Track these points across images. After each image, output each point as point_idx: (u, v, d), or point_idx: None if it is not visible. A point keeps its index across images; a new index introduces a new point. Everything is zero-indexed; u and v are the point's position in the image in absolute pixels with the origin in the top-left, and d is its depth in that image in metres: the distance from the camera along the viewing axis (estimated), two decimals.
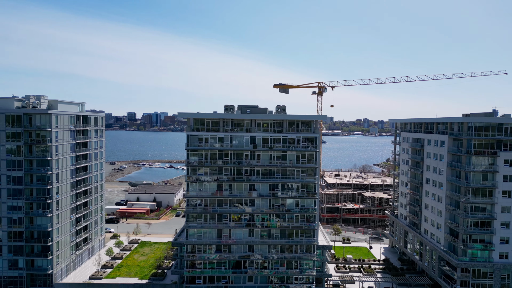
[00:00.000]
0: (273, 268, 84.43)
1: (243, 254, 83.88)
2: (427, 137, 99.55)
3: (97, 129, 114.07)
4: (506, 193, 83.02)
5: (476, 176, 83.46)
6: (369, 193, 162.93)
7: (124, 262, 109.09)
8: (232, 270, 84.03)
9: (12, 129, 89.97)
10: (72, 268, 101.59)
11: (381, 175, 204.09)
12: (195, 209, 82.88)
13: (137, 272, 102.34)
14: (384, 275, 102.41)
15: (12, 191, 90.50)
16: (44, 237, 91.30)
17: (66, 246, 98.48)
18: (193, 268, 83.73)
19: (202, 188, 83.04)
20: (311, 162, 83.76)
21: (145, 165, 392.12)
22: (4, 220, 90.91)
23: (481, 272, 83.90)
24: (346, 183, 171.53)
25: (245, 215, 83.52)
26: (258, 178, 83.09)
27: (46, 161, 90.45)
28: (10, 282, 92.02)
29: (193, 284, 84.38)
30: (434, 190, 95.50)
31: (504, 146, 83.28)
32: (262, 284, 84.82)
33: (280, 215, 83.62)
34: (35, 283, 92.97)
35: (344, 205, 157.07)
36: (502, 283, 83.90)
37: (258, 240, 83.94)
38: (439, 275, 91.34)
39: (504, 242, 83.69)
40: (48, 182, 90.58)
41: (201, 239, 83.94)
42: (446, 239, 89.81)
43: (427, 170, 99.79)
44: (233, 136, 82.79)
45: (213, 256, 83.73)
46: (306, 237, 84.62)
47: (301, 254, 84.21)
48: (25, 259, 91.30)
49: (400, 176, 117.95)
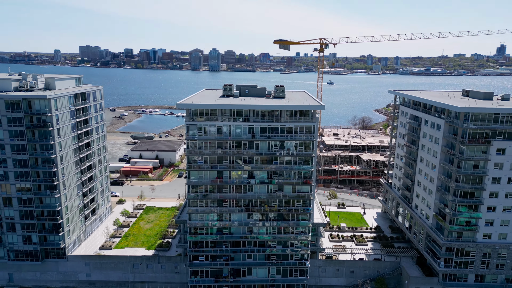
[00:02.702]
0: (271, 247, 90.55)
1: (242, 234, 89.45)
2: (425, 117, 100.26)
3: (96, 104, 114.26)
4: (496, 180, 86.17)
5: (468, 164, 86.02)
6: (366, 154, 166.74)
7: (131, 231, 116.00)
8: (232, 249, 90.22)
9: (13, 114, 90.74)
10: (82, 238, 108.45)
11: (379, 133, 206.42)
12: (197, 195, 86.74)
13: (144, 242, 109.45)
14: (374, 244, 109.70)
15: (19, 173, 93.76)
16: (54, 215, 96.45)
17: (76, 220, 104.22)
18: (196, 247, 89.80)
19: (202, 175, 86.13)
20: (308, 150, 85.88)
21: (145, 111, 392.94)
22: (14, 200, 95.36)
23: (464, 251, 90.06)
24: (344, 145, 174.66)
25: (244, 200, 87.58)
26: (256, 165, 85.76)
27: (49, 145, 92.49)
28: (26, 255, 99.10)
29: (196, 260, 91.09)
30: (427, 170, 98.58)
31: (498, 135, 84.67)
32: (260, 261, 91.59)
33: (278, 200, 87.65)
34: (49, 256, 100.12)
35: (341, 167, 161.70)
36: (483, 260, 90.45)
37: (256, 222, 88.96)
38: (425, 249, 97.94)
39: (489, 224, 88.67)
40: (53, 165, 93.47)
41: (202, 221, 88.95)
42: (434, 218, 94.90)
43: (422, 149, 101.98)
44: (232, 126, 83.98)
45: (214, 237, 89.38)
46: (302, 219, 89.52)
47: (297, 235, 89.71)
48: (38, 235, 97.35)
49: (396, 148, 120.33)
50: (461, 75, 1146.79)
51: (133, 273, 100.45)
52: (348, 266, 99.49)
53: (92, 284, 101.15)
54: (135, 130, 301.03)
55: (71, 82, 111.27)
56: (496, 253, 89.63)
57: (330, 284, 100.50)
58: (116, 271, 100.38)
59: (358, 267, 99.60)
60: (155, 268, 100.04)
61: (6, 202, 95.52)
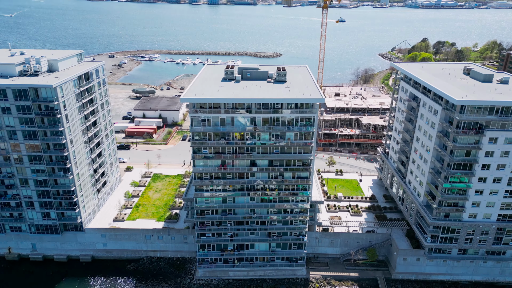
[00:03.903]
0: (272, 225, 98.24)
1: (245, 215, 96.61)
2: (423, 99, 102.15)
3: (99, 80, 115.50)
4: (485, 166, 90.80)
5: (461, 153, 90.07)
6: (366, 118, 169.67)
7: (140, 201, 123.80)
8: (236, 227, 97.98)
9: (21, 103, 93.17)
10: (96, 210, 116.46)
11: (380, 92, 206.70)
12: (202, 181, 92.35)
13: (154, 213, 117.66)
14: (368, 215, 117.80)
15: (33, 157, 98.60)
16: (69, 194, 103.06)
17: (89, 195, 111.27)
18: (203, 226, 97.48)
19: (207, 163, 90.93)
20: (308, 139, 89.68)
21: (145, 57, 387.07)
22: (30, 181, 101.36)
23: (450, 229, 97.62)
24: (344, 107, 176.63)
25: (246, 184, 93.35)
26: (258, 154, 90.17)
27: (59, 131, 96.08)
28: (46, 228, 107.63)
29: (203, 237, 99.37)
30: (421, 151, 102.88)
31: (492, 125, 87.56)
32: (262, 237, 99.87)
33: (278, 184, 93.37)
34: (68, 229, 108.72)
35: (341, 131, 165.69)
36: (467, 237, 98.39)
37: (258, 204, 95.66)
38: (415, 223, 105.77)
39: (476, 206, 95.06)
40: (64, 150, 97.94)
41: (208, 204, 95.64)
42: (425, 197, 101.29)
43: (418, 129, 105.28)
44: (234, 117, 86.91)
45: (219, 217, 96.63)
46: (300, 201, 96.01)
47: (296, 214, 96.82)
48: (56, 211, 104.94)
49: (395, 123, 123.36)
50: (473, 8, 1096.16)
51: (146, 243, 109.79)
52: (342, 238, 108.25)
53: (109, 253, 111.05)
54: (136, 81, 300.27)
55: (73, 60, 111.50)
56: (479, 230, 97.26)
57: (326, 253, 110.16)
58: (130, 241, 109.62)
59: (352, 238, 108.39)
60: (165, 239, 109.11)
61: (23, 182, 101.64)
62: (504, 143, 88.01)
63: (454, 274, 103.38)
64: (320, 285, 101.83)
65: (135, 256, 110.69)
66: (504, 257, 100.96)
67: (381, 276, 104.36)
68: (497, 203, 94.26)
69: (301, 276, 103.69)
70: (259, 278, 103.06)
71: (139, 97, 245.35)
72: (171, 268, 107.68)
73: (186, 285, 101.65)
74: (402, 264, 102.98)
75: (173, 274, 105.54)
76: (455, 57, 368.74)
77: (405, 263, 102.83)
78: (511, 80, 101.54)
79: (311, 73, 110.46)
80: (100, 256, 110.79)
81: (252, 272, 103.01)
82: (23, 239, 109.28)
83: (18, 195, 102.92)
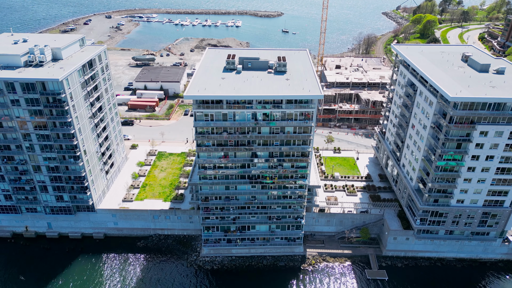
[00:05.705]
0: (271, 209, 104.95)
1: (247, 201, 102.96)
2: (420, 88, 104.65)
3: (102, 65, 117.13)
4: (475, 157, 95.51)
5: (452, 144, 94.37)
6: (366, 93, 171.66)
7: (147, 181, 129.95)
8: (238, 211, 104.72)
9: (29, 95, 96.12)
10: (106, 191, 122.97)
11: (381, 64, 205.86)
12: (206, 170, 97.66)
13: (160, 193, 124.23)
14: (363, 195, 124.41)
15: (44, 146, 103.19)
16: (80, 179, 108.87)
17: (99, 178, 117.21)
18: (207, 210, 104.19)
19: (210, 155, 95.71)
20: (306, 132, 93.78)
21: (143, 18, 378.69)
22: (43, 168, 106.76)
23: (438, 213, 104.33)
24: (345, 82, 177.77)
25: (248, 174, 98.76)
26: (259, 146, 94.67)
27: (67, 122, 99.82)
28: (60, 209, 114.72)
29: (208, 219, 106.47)
30: (416, 138, 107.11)
31: (483, 119, 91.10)
32: (263, 220, 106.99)
33: (278, 174, 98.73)
34: (80, 209, 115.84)
35: (340, 107, 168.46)
36: (454, 220, 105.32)
37: (259, 191, 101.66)
38: (406, 205, 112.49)
39: (464, 192, 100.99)
40: (73, 139, 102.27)
41: (212, 191, 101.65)
42: (416, 183, 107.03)
43: (414, 117, 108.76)
44: (236, 112, 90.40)
45: (222, 203, 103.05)
46: (299, 188, 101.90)
47: (294, 200, 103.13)
48: (69, 195, 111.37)
49: (392, 106, 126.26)
50: None
51: (154, 222, 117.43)
52: (338, 218, 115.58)
53: (120, 230, 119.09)
54: (135, 45, 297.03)
55: (75, 46, 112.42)
56: (466, 214, 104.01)
57: (322, 231, 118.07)
58: (139, 220, 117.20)
59: (347, 218, 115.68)
60: (172, 218, 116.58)
61: (36, 169, 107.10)
62: (494, 136, 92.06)
63: (440, 251, 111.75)
64: (316, 262, 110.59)
65: (144, 234, 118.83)
66: (487, 237, 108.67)
67: (373, 253, 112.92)
68: (484, 190, 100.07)
69: (298, 253, 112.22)
70: (260, 255, 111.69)
71: (140, 64, 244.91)
72: (178, 245, 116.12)
73: (193, 262, 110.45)
74: (393, 242, 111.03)
75: (180, 251, 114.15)
76: (461, 18, 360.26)
77: (395, 241, 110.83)
78: (507, 70, 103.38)
79: (311, 60, 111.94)
80: (112, 234, 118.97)
81: (253, 250, 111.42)
82: (38, 219, 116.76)
83: (32, 180, 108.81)
